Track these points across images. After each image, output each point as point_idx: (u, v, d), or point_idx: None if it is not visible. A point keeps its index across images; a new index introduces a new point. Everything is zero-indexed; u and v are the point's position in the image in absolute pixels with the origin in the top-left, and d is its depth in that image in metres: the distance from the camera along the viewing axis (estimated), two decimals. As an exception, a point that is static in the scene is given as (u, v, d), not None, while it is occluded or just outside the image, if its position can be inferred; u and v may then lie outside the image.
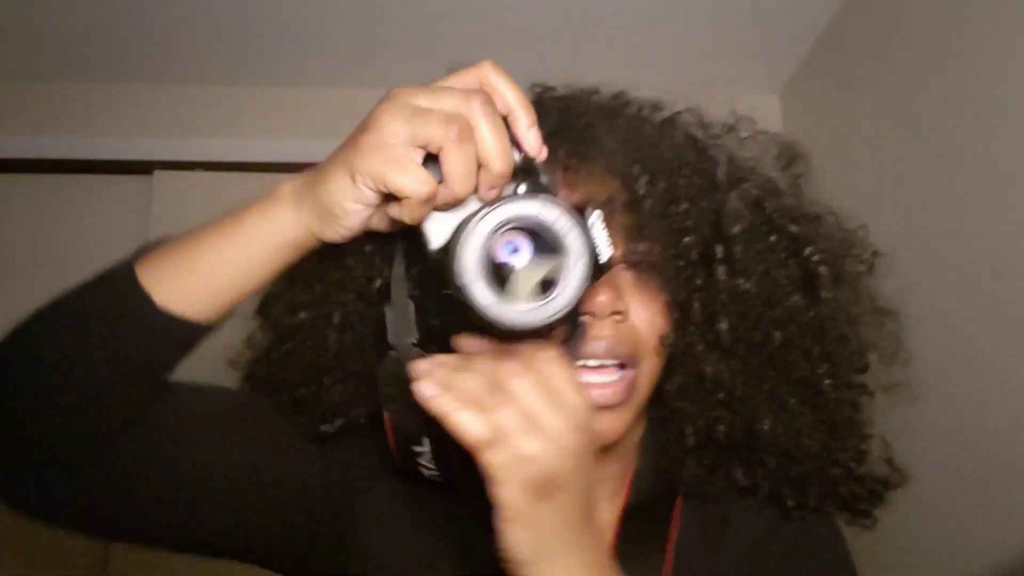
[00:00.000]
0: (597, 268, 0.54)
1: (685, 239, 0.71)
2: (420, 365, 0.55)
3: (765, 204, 0.74)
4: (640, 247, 0.70)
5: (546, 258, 0.54)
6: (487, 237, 0.53)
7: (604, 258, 0.55)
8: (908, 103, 1.70)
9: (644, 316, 0.70)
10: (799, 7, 1.99)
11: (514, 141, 0.56)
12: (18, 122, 2.25)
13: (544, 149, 0.57)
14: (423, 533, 0.75)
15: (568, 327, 0.62)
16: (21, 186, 2.29)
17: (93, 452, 0.61)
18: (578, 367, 0.66)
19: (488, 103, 0.54)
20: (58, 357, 0.59)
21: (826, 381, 0.72)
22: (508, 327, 0.53)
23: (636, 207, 0.70)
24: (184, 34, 2.09)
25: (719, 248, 0.71)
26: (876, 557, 1.09)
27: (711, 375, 0.71)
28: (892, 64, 1.76)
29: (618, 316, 0.69)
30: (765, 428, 0.71)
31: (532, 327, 0.53)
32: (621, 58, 2.11)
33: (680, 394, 0.72)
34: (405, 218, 0.55)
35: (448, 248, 0.55)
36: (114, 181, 2.30)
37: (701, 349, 0.71)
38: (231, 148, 2.25)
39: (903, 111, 1.72)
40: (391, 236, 0.62)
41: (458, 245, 0.53)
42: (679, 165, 0.73)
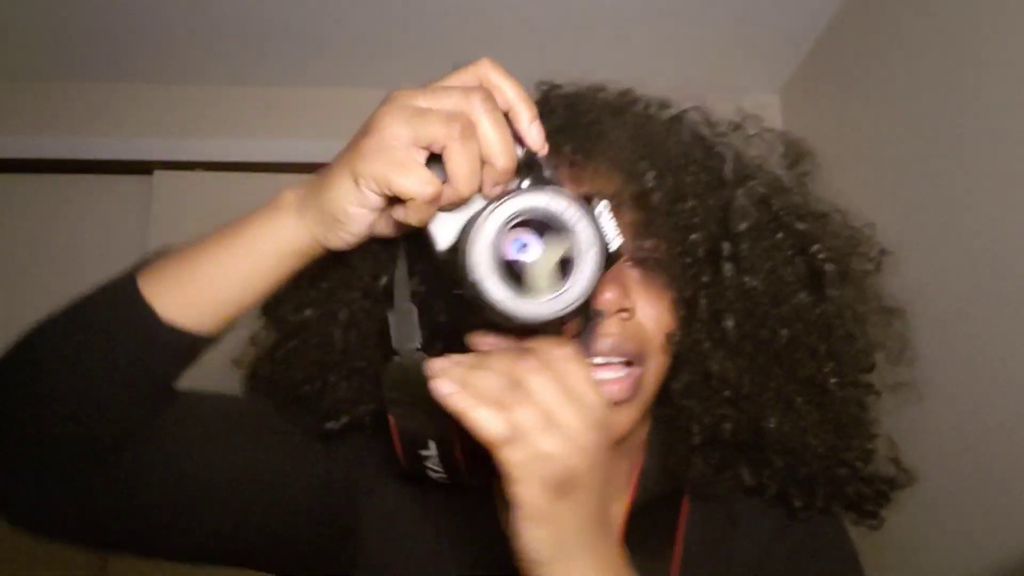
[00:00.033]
0: (608, 257, 0.54)
1: (692, 236, 0.70)
2: (436, 363, 0.55)
3: (772, 201, 0.74)
4: (647, 244, 0.70)
5: (557, 245, 0.53)
6: (497, 232, 0.53)
7: (614, 247, 0.55)
8: (908, 103, 1.70)
9: (650, 313, 0.70)
10: (799, 7, 1.99)
11: (516, 137, 0.56)
12: (18, 122, 2.25)
13: (546, 144, 0.57)
14: (428, 534, 0.75)
15: (582, 319, 0.62)
16: (21, 186, 2.29)
17: (95, 462, 0.60)
18: (592, 364, 0.66)
19: (489, 99, 0.54)
20: (61, 369, 0.58)
21: (832, 380, 0.71)
22: (523, 320, 0.53)
23: (643, 203, 0.69)
24: (184, 34, 2.09)
25: (726, 245, 0.71)
26: (882, 557, 1.09)
27: (717, 373, 0.70)
28: (892, 64, 1.76)
29: (624, 313, 0.68)
30: (771, 426, 0.71)
31: (547, 319, 0.53)
32: (621, 58, 2.10)
33: (686, 392, 0.71)
34: (410, 220, 0.55)
35: (457, 247, 0.55)
36: (114, 181, 2.30)
37: (707, 347, 0.70)
38: (231, 148, 2.25)
39: (903, 111, 1.72)
40: (395, 240, 0.62)
41: (468, 243, 0.52)
42: (686, 162, 0.72)
